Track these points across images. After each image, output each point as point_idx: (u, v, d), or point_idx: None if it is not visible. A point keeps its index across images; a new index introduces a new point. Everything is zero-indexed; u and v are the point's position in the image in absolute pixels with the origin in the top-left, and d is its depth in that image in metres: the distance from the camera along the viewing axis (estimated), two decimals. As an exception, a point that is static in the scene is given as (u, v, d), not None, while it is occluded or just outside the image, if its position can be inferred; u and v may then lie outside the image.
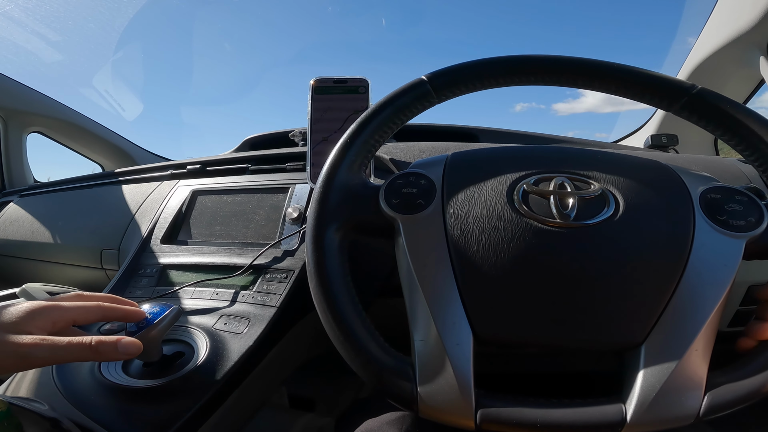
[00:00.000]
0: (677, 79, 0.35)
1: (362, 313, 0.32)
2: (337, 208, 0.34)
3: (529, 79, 0.37)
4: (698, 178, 0.35)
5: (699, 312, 0.29)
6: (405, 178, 0.36)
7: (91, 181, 0.87)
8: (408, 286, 0.33)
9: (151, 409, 0.40)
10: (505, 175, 0.35)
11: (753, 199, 0.32)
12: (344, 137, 0.36)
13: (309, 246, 0.33)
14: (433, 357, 0.30)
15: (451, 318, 0.30)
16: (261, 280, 0.53)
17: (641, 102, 0.36)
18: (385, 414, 0.46)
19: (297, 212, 0.57)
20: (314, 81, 0.55)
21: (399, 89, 0.38)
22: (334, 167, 0.35)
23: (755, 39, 0.71)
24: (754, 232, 0.31)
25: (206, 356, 0.44)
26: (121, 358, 0.35)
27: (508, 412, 0.28)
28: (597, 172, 0.35)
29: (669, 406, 0.27)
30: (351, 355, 0.31)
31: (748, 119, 0.33)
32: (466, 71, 0.37)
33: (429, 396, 0.29)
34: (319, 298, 0.32)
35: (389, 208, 0.34)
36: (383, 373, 0.30)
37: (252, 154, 0.72)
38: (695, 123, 0.35)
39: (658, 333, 0.29)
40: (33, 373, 0.45)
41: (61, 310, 0.34)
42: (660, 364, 0.28)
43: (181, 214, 0.66)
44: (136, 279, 0.58)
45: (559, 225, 0.32)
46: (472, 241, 0.32)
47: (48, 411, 0.38)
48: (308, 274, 0.33)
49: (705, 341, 0.29)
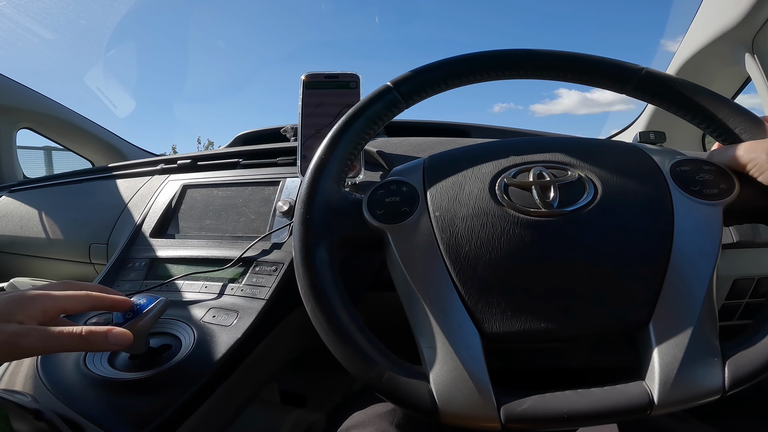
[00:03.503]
0: (626, 63, 0.36)
1: (365, 328, 0.32)
2: (323, 226, 0.34)
3: (490, 75, 0.38)
4: (665, 152, 0.36)
5: (696, 283, 0.29)
6: (386, 188, 0.36)
7: (81, 177, 0.86)
8: (406, 295, 0.32)
9: (137, 402, 0.39)
10: (485, 171, 0.35)
11: (720, 168, 0.33)
12: (319, 153, 0.36)
13: (300, 269, 0.33)
14: (445, 362, 0.29)
15: (455, 321, 0.30)
16: (250, 273, 0.53)
17: (597, 87, 0.37)
18: (373, 406, 0.46)
19: (287, 205, 0.57)
20: (305, 76, 0.55)
21: (366, 98, 0.37)
22: (313, 185, 0.35)
23: (741, 36, 0.72)
24: (728, 198, 0.32)
25: (193, 349, 0.44)
26: (110, 349, 0.35)
27: (532, 408, 0.28)
28: (572, 158, 0.35)
29: (693, 382, 0.27)
30: (361, 371, 0.30)
31: (699, 94, 0.34)
32: (429, 73, 0.38)
33: (448, 402, 0.28)
34: (319, 320, 0.31)
35: (374, 220, 0.34)
36: (398, 384, 0.29)
37: (243, 149, 0.72)
38: (649, 102, 0.37)
39: (662, 309, 0.29)
40: (15, 365, 0.45)
41: (51, 299, 0.34)
42: (672, 340, 0.28)
43: (171, 208, 0.66)
44: (124, 272, 0.58)
45: (544, 214, 0.32)
46: (462, 241, 0.32)
47: (31, 402, 0.37)
48: (303, 296, 0.33)
49: (709, 313, 0.29)
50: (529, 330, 0.30)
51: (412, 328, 0.32)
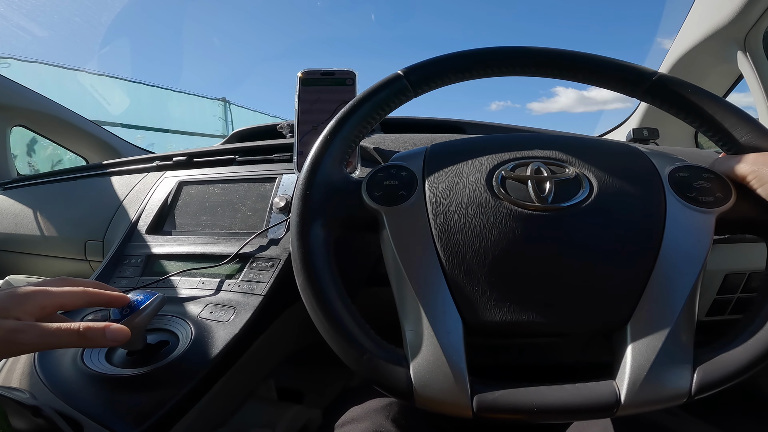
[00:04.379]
0: (639, 66, 0.36)
1: (352, 307, 0.32)
2: (321, 204, 0.34)
3: (501, 71, 0.38)
4: (666, 158, 0.36)
5: (678, 288, 0.30)
6: (386, 171, 0.36)
7: (76, 174, 0.85)
8: (395, 277, 0.33)
9: (135, 398, 0.39)
10: (484, 163, 0.36)
11: (719, 176, 0.33)
12: (324, 134, 0.37)
13: (294, 243, 0.33)
14: (425, 347, 0.30)
15: (440, 307, 0.31)
16: (247, 269, 0.53)
17: (607, 89, 0.38)
18: (371, 401, 0.46)
19: (284, 201, 0.57)
20: (302, 73, 0.55)
21: (376, 84, 0.38)
22: (315, 163, 0.35)
23: (733, 34, 0.72)
24: (723, 207, 0.32)
25: (191, 345, 0.44)
26: (108, 345, 0.35)
27: (504, 398, 0.28)
28: (571, 156, 0.36)
29: (660, 385, 0.28)
30: (343, 349, 0.31)
31: (708, 102, 0.34)
32: (440, 65, 0.38)
33: (424, 386, 0.29)
34: (307, 294, 0.32)
35: (372, 201, 0.35)
36: (377, 365, 0.30)
37: (239, 145, 0.72)
38: (660, 107, 0.36)
39: (641, 311, 0.30)
40: (13, 362, 0.45)
41: (48, 295, 0.34)
42: (646, 342, 0.29)
43: (167, 205, 0.66)
44: (120, 269, 0.58)
45: (537, 208, 0.32)
46: (455, 228, 0.33)
47: (29, 399, 0.37)
48: (295, 271, 0.33)
49: (687, 318, 0.29)
50: (510, 321, 0.30)
51: (398, 310, 0.32)
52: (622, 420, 0.40)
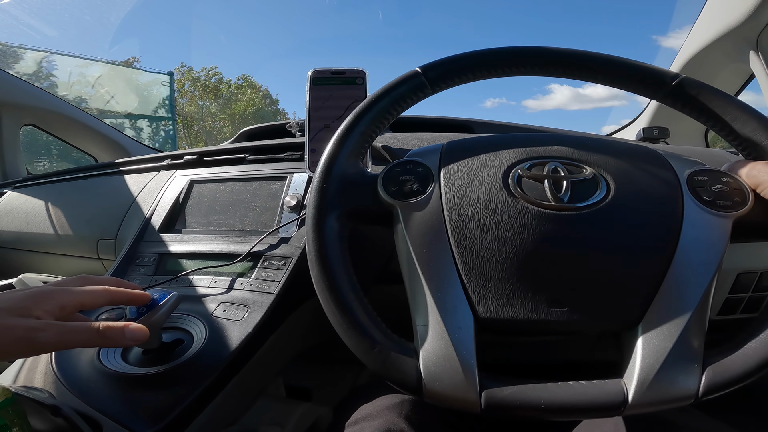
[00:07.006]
0: (662, 69, 0.36)
1: (364, 300, 0.33)
2: (337, 196, 0.35)
3: (520, 71, 0.38)
4: (685, 161, 0.36)
5: (692, 291, 0.30)
6: (402, 166, 0.37)
7: (87, 172, 0.86)
8: (408, 271, 0.33)
9: (151, 396, 0.40)
10: (500, 161, 0.36)
11: (737, 181, 0.33)
12: (341, 128, 0.37)
13: (309, 234, 0.34)
14: (436, 341, 0.30)
15: (451, 302, 0.31)
16: (259, 268, 0.53)
17: (628, 90, 0.38)
18: (381, 398, 0.46)
19: (295, 200, 0.57)
20: (312, 72, 0.55)
21: (394, 81, 0.38)
22: (332, 157, 0.36)
23: (745, 34, 0.72)
24: (740, 211, 0.32)
25: (205, 343, 0.45)
26: (127, 344, 0.35)
27: (512, 395, 0.28)
28: (589, 157, 0.36)
29: (668, 386, 0.28)
30: (354, 341, 0.31)
31: (729, 106, 0.34)
32: (459, 62, 0.38)
33: (433, 380, 0.29)
34: (321, 285, 0.32)
35: (387, 196, 0.35)
36: (387, 358, 0.30)
37: (249, 144, 0.72)
38: (680, 110, 0.36)
39: (653, 312, 0.30)
40: (31, 362, 0.45)
41: (69, 294, 0.34)
42: (657, 343, 0.29)
43: (178, 204, 0.66)
44: (133, 267, 0.58)
45: (553, 207, 0.33)
46: (469, 225, 0.33)
47: (48, 399, 0.38)
48: (309, 262, 0.33)
49: (699, 320, 0.29)
50: (521, 318, 0.31)
51: (410, 304, 0.33)
52: (633, 416, 0.40)
